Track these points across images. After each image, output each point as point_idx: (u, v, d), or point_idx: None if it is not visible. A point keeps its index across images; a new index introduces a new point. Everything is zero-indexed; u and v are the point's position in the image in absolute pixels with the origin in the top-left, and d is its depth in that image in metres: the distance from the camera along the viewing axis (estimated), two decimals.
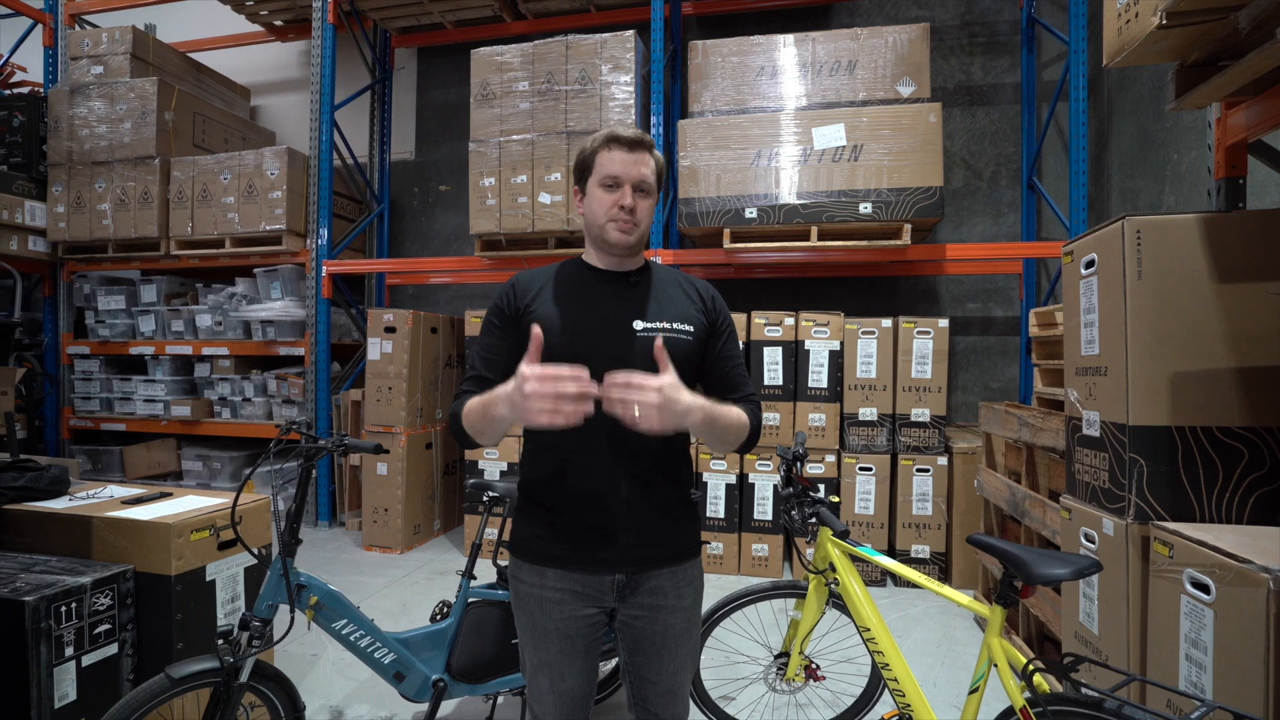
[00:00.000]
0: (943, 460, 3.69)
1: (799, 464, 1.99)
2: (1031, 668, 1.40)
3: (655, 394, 1.07)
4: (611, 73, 4.19)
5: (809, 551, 3.66)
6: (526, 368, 1.05)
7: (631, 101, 4.16)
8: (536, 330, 1.10)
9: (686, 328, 1.35)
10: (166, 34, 5.90)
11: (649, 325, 1.32)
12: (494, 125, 4.39)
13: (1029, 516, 2.57)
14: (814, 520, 1.83)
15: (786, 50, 4.02)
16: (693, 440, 1.85)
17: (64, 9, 5.69)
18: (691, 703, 2.22)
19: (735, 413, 1.30)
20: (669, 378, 1.11)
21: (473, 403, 1.24)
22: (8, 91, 5.85)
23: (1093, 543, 1.87)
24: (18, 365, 5.11)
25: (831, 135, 3.82)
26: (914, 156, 3.72)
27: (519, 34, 5.19)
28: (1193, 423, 1.69)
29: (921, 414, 3.73)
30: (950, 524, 3.71)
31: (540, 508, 1.34)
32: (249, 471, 1.76)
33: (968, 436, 3.94)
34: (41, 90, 5.68)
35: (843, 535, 1.72)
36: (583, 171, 1.37)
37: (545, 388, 1.02)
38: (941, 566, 3.70)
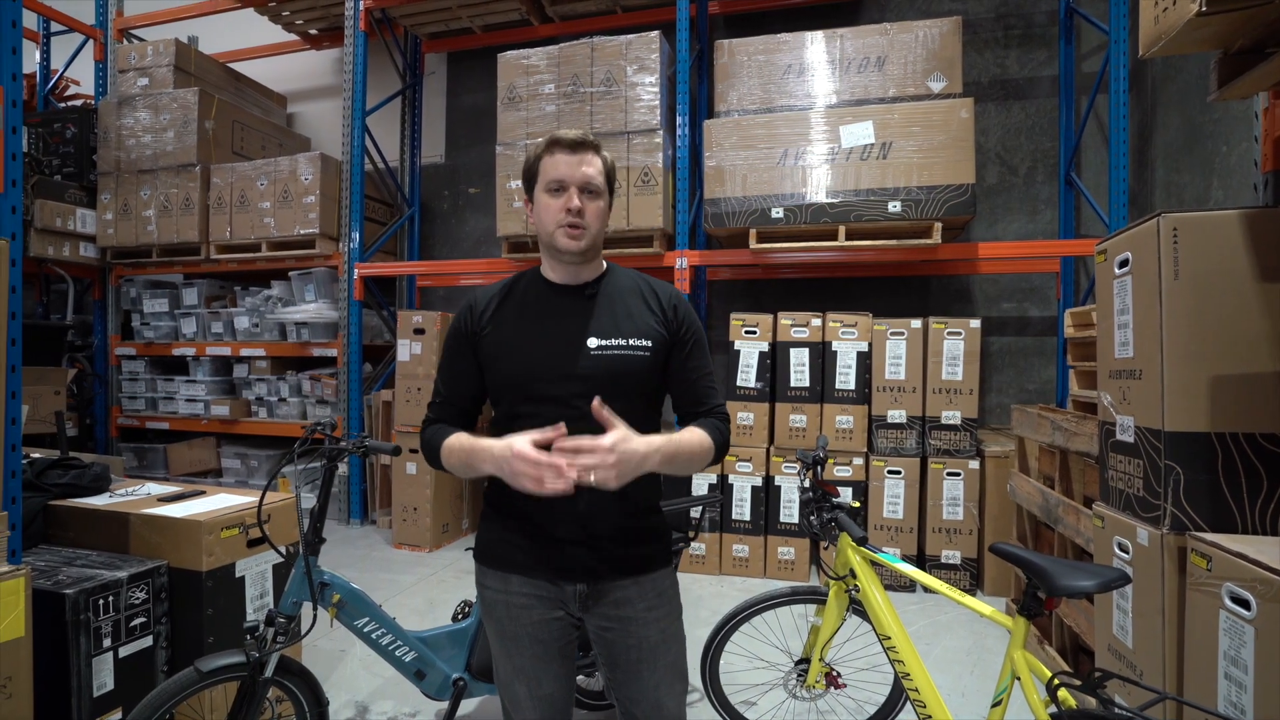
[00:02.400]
0: (974, 464, 3.59)
1: (819, 468, 1.96)
2: (1057, 682, 1.35)
3: (609, 454, 1.09)
4: (637, 74, 4.18)
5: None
6: (517, 447, 1.12)
7: (656, 102, 4.15)
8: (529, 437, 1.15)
9: (643, 343, 1.30)
10: (208, 45, 6.10)
11: (603, 343, 1.29)
12: (520, 128, 4.43)
13: (1062, 524, 2.49)
14: (833, 525, 1.80)
15: (814, 48, 3.97)
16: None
17: (113, 24, 5.93)
18: (712, 708, 2.20)
19: (696, 440, 1.28)
20: (618, 433, 1.12)
21: (456, 444, 1.28)
22: (62, 104, 6.12)
23: (1126, 553, 1.80)
24: (70, 366, 5.34)
25: (859, 133, 3.75)
26: (945, 153, 3.64)
27: (546, 37, 5.23)
28: (1234, 429, 1.61)
29: (952, 416, 3.64)
30: (982, 529, 3.62)
31: (502, 513, 1.34)
32: (274, 472, 1.81)
33: (1001, 440, 3.83)
34: (93, 102, 5.92)
35: (861, 541, 1.69)
36: (529, 180, 1.34)
37: (530, 470, 1.10)
38: (973, 573, 3.61)
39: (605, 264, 1.41)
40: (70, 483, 2.36)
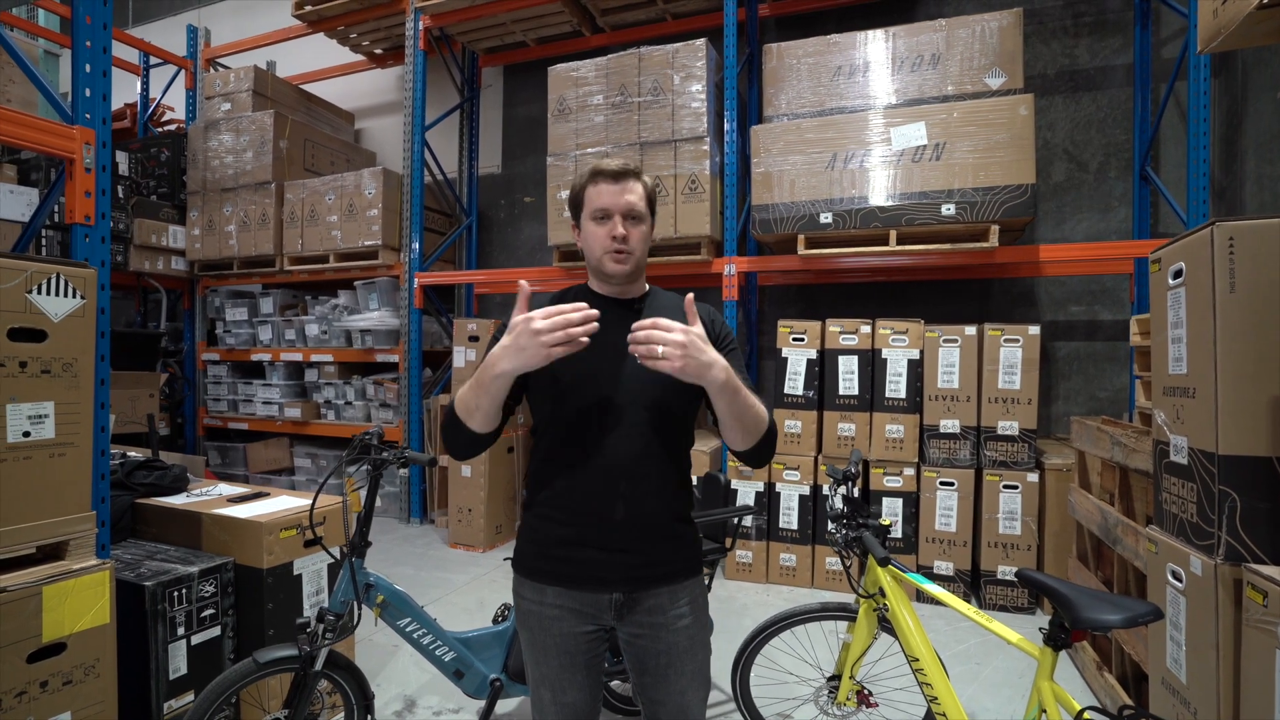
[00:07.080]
0: (1033, 477, 3.43)
1: (849, 484, 1.93)
2: (1087, 716, 1.30)
3: (681, 334, 1.12)
4: (684, 82, 4.20)
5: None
6: (522, 316, 1.13)
7: (704, 110, 4.15)
8: (523, 283, 1.18)
9: None
10: (284, 69, 6.50)
11: None
12: (570, 139, 4.52)
13: (1121, 544, 2.36)
14: (858, 542, 1.77)
15: (865, 48, 3.88)
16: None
17: (202, 54, 6.41)
18: (742, 719, 2.20)
19: (755, 399, 1.28)
20: (698, 328, 1.15)
21: (464, 387, 1.26)
22: (158, 130, 6.65)
23: (1180, 581, 1.69)
24: (163, 371, 5.81)
25: (911, 135, 3.65)
26: (1002, 153, 3.49)
27: (598, 47, 5.31)
28: None
29: (1009, 427, 3.48)
30: (1041, 545, 3.45)
31: (540, 524, 1.38)
32: (324, 480, 1.93)
33: (1065, 451, 3.64)
34: (184, 127, 6.42)
35: (883, 562, 1.66)
36: (576, 207, 1.42)
37: (556, 320, 1.10)
38: (1031, 592, 3.44)
39: (647, 285, 1.48)
40: (154, 483, 2.59)
